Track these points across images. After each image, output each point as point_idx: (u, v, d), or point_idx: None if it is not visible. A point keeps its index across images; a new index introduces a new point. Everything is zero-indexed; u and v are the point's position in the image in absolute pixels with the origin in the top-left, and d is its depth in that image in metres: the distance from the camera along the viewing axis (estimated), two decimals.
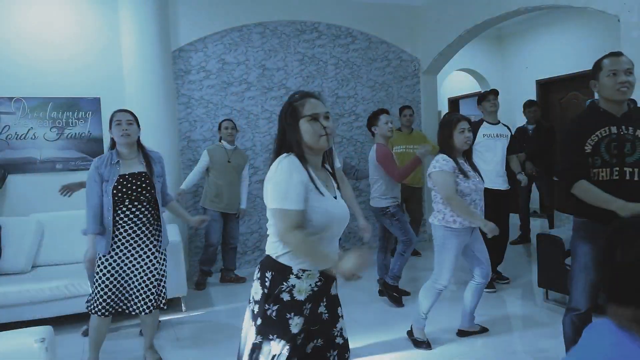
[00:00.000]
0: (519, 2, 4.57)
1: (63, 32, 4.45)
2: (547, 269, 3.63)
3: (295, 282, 1.64)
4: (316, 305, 1.71)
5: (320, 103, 1.72)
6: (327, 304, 1.75)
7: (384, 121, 3.74)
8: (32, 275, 3.73)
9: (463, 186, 2.80)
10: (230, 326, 3.48)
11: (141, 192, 2.68)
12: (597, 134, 2.20)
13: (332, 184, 1.77)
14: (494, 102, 4.16)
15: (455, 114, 2.97)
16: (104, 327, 2.77)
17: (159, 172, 2.78)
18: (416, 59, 6.04)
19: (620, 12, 3.70)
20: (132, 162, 2.73)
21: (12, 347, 1.90)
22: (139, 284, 2.71)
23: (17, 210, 4.24)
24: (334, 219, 1.65)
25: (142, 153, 2.79)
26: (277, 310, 1.63)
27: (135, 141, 2.77)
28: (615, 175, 2.18)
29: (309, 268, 1.65)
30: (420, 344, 3.04)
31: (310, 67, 5.46)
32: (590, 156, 2.21)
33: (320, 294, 1.71)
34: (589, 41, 6.57)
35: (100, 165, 2.68)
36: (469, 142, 2.85)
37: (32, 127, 4.35)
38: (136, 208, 2.69)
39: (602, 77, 2.19)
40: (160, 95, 4.57)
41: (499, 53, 8.04)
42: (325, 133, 1.66)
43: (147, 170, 2.73)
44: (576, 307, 2.33)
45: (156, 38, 4.54)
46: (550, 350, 2.90)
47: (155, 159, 2.81)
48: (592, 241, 2.26)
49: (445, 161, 2.82)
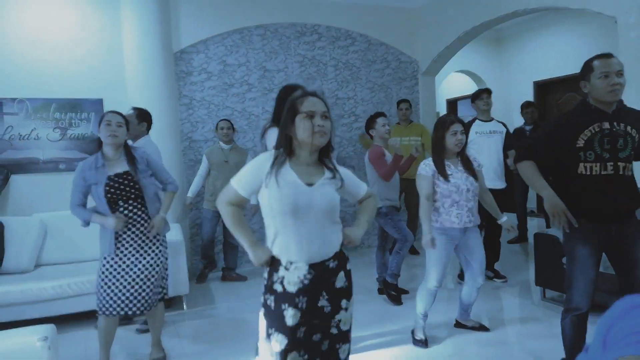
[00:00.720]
0: (517, 4, 4.62)
1: (66, 34, 4.50)
2: (544, 268, 3.67)
3: (284, 274, 1.72)
4: (314, 299, 1.72)
5: (319, 102, 1.77)
6: (329, 298, 1.75)
7: (381, 124, 3.80)
8: (35, 275, 3.76)
9: (442, 188, 2.91)
10: (232, 324, 3.52)
11: (130, 190, 2.70)
12: (590, 129, 2.24)
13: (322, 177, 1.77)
14: (487, 101, 4.21)
15: (450, 115, 3.01)
16: (110, 328, 2.78)
17: (143, 169, 2.76)
18: (415, 61, 6.08)
19: (617, 14, 3.73)
20: (116, 163, 2.72)
21: (15, 346, 1.93)
22: (144, 282, 2.73)
23: (20, 210, 4.28)
24: (297, 206, 1.67)
25: (126, 153, 2.76)
26: (274, 301, 1.72)
27: (122, 143, 2.75)
28: (610, 170, 2.22)
29: (295, 260, 1.71)
30: (416, 342, 3.08)
31: (310, 69, 5.51)
32: (583, 150, 2.24)
33: (316, 288, 1.72)
34: (586, 42, 6.62)
35: (85, 169, 2.68)
36: (459, 145, 2.91)
37: (35, 128, 4.39)
38: (132, 206, 2.72)
39: (594, 79, 2.22)
40: (162, 97, 4.62)
41: (497, 54, 8.09)
42: (320, 131, 1.72)
43: (131, 169, 2.71)
44: (577, 307, 2.34)
45: (158, 40, 4.58)
46: (547, 349, 2.94)
47: (138, 157, 2.78)
48: (590, 242, 2.29)
49: (425, 165, 2.96)
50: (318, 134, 1.72)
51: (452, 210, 2.90)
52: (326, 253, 1.75)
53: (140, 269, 2.73)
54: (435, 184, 2.92)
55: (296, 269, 1.70)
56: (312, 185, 1.73)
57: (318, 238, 1.72)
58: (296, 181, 1.71)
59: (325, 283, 1.75)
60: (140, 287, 2.72)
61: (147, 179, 2.78)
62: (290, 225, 1.69)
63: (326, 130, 1.74)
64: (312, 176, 1.75)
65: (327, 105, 1.80)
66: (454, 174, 2.91)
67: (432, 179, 2.93)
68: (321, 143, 1.75)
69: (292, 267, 1.71)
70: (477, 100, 4.23)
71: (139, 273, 2.72)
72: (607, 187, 2.22)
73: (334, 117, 5.59)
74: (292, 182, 1.70)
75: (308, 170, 1.76)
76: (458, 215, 2.91)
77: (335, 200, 1.77)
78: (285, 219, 1.69)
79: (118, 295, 2.69)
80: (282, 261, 1.72)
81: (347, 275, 1.82)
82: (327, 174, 1.78)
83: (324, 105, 1.77)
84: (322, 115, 1.74)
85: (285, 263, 1.71)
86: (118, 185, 2.67)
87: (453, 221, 2.91)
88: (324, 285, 1.75)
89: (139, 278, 2.72)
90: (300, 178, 1.72)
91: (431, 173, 2.92)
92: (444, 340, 3.16)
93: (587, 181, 2.25)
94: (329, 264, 1.75)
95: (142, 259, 2.74)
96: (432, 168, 2.92)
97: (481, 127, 4.14)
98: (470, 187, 2.91)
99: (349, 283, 1.83)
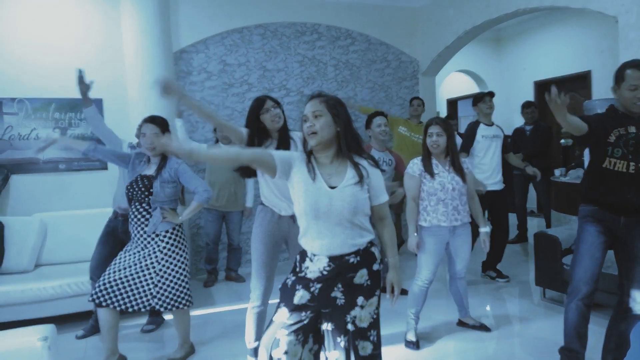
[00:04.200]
0: (517, 4, 4.61)
1: (66, 34, 4.49)
2: (544, 268, 3.67)
3: (309, 264, 1.81)
4: (328, 288, 1.76)
5: (310, 103, 1.80)
6: (344, 290, 1.77)
7: (376, 124, 3.79)
8: (35, 275, 3.76)
9: (428, 186, 2.99)
10: (232, 325, 3.51)
11: (145, 193, 2.82)
12: (619, 129, 2.37)
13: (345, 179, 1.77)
14: (489, 104, 4.22)
15: (434, 118, 3.09)
16: (104, 320, 2.76)
17: (166, 178, 2.85)
18: (415, 60, 6.08)
19: (618, 13, 3.72)
20: (151, 165, 2.90)
21: (15, 346, 1.92)
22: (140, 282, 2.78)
23: (20, 210, 4.27)
24: (318, 205, 1.72)
25: (161, 159, 2.90)
26: (292, 281, 1.84)
27: (161, 151, 2.86)
28: (632, 169, 2.36)
29: (317, 253, 1.78)
30: (408, 344, 3.05)
31: (310, 69, 5.50)
32: (612, 146, 2.37)
33: (332, 279, 1.76)
34: (587, 42, 6.62)
35: (135, 157, 2.94)
36: (434, 147, 2.97)
37: (35, 128, 4.38)
38: (142, 208, 2.84)
39: (623, 89, 2.34)
40: (161, 97, 4.60)
41: (497, 54, 8.08)
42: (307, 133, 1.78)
43: (154, 174, 2.85)
44: (579, 287, 2.43)
45: (158, 39, 4.57)
46: (546, 348, 2.93)
47: (168, 167, 2.88)
48: (600, 224, 2.44)
49: (412, 165, 3.04)
50: (308, 136, 1.76)
51: (438, 208, 2.96)
52: (347, 248, 1.77)
53: (142, 267, 2.79)
54: (422, 183, 3.00)
55: (318, 260, 1.78)
56: (335, 187, 1.75)
57: (338, 237, 1.75)
58: (319, 184, 1.75)
59: (342, 276, 1.77)
60: (136, 285, 2.77)
61: (167, 189, 2.85)
62: (313, 224, 1.76)
63: (315, 129, 1.75)
64: (335, 177, 1.77)
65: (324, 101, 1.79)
66: (440, 173, 2.98)
67: (419, 179, 2.99)
68: (311, 144, 1.78)
69: (315, 258, 1.79)
70: (480, 104, 4.23)
71: (139, 271, 2.78)
72: (624, 183, 2.37)
73: None
74: (315, 184, 1.75)
75: (331, 171, 1.78)
76: (444, 214, 2.95)
77: (359, 203, 1.75)
78: (308, 219, 1.76)
79: (117, 283, 2.74)
80: (308, 253, 1.81)
81: (371, 275, 1.81)
82: (349, 176, 1.77)
83: (316, 104, 1.77)
84: (314, 115, 1.75)
85: (310, 255, 1.81)
86: (138, 187, 2.81)
87: (440, 219, 2.95)
88: (341, 277, 1.77)
89: (137, 276, 2.77)
90: (324, 180, 1.76)
91: (418, 172, 2.99)
92: (444, 339, 3.15)
93: (608, 175, 2.40)
94: (349, 259, 1.77)
95: (144, 260, 2.80)
96: (420, 167, 3.00)
97: (487, 131, 4.19)
98: (456, 185, 2.97)
99: (373, 283, 1.81)
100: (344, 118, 1.80)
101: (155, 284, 2.79)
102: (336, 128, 1.78)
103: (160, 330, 3.55)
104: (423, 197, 3.00)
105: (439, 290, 4.07)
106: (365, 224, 1.81)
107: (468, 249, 3.12)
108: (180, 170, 2.89)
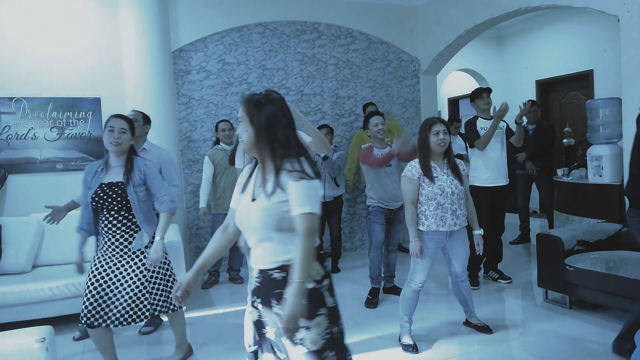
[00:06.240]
0: (519, 2, 4.58)
1: (64, 33, 4.46)
2: (547, 269, 3.63)
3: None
4: (266, 303, 1.65)
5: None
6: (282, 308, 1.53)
7: (373, 124, 3.81)
8: (32, 275, 3.73)
9: (427, 190, 2.92)
10: (231, 326, 3.48)
11: (120, 201, 2.58)
12: None
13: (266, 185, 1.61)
14: (487, 100, 4.18)
15: (433, 117, 3.04)
16: (96, 339, 2.66)
17: (137, 182, 2.63)
18: (416, 59, 6.04)
19: (620, 12, 3.70)
20: (115, 170, 2.64)
21: (12, 347, 1.91)
22: (127, 294, 2.61)
23: (18, 210, 4.25)
24: (240, 219, 1.68)
25: (126, 162, 2.65)
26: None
27: (126, 149, 2.66)
28: None
29: (251, 265, 1.74)
30: (406, 348, 3.01)
31: (310, 68, 5.47)
32: None
33: (265, 293, 1.64)
34: (588, 41, 6.58)
35: (89, 171, 2.67)
36: (441, 145, 2.92)
37: (32, 127, 4.36)
38: (113, 217, 2.61)
39: None
40: (160, 96, 4.58)
41: (499, 53, 8.05)
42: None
43: (124, 180, 2.61)
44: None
45: (156, 38, 4.55)
46: (548, 352, 2.90)
47: (136, 168, 2.65)
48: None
49: (411, 167, 2.97)
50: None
51: (437, 212, 2.90)
52: (271, 264, 1.63)
53: (120, 280, 2.61)
54: (420, 186, 2.93)
55: (253, 271, 1.73)
56: (255, 200, 1.64)
57: (261, 251, 1.65)
58: (246, 196, 1.69)
59: (270, 291, 1.62)
60: (121, 297, 2.60)
61: (141, 192, 2.65)
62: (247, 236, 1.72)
63: (243, 135, 1.62)
64: (263, 188, 1.62)
65: (243, 104, 1.62)
66: (439, 177, 2.93)
67: (417, 182, 2.93)
68: (244, 149, 1.67)
69: (253, 270, 1.74)
70: (477, 100, 4.20)
71: (118, 284, 2.61)
72: None
73: (334, 116, 5.56)
74: (243, 196, 1.71)
75: (262, 181, 1.65)
76: (443, 218, 2.91)
77: (272, 218, 1.57)
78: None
79: (95, 302, 2.57)
80: None
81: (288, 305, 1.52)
82: (268, 186, 1.60)
83: (240, 108, 1.64)
84: (241, 120, 1.63)
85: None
86: (106, 196, 2.58)
87: (439, 224, 2.91)
88: (272, 293, 1.61)
89: (123, 288, 2.61)
90: (253, 191, 1.67)
91: (417, 175, 2.93)
92: (446, 340, 3.12)
93: None
94: (272, 274, 1.62)
95: (124, 270, 2.63)
96: (418, 170, 2.93)
97: (486, 124, 4.12)
98: (455, 189, 2.92)
99: (309, 301, 1.54)
100: (262, 121, 1.57)
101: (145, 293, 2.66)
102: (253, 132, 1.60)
103: (159, 332, 3.53)
104: (422, 201, 2.93)
105: (439, 291, 4.05)
106: (290, 239, 1.58)
107: (466, 251, 3.09)
108: (148, 173, 2.67)
